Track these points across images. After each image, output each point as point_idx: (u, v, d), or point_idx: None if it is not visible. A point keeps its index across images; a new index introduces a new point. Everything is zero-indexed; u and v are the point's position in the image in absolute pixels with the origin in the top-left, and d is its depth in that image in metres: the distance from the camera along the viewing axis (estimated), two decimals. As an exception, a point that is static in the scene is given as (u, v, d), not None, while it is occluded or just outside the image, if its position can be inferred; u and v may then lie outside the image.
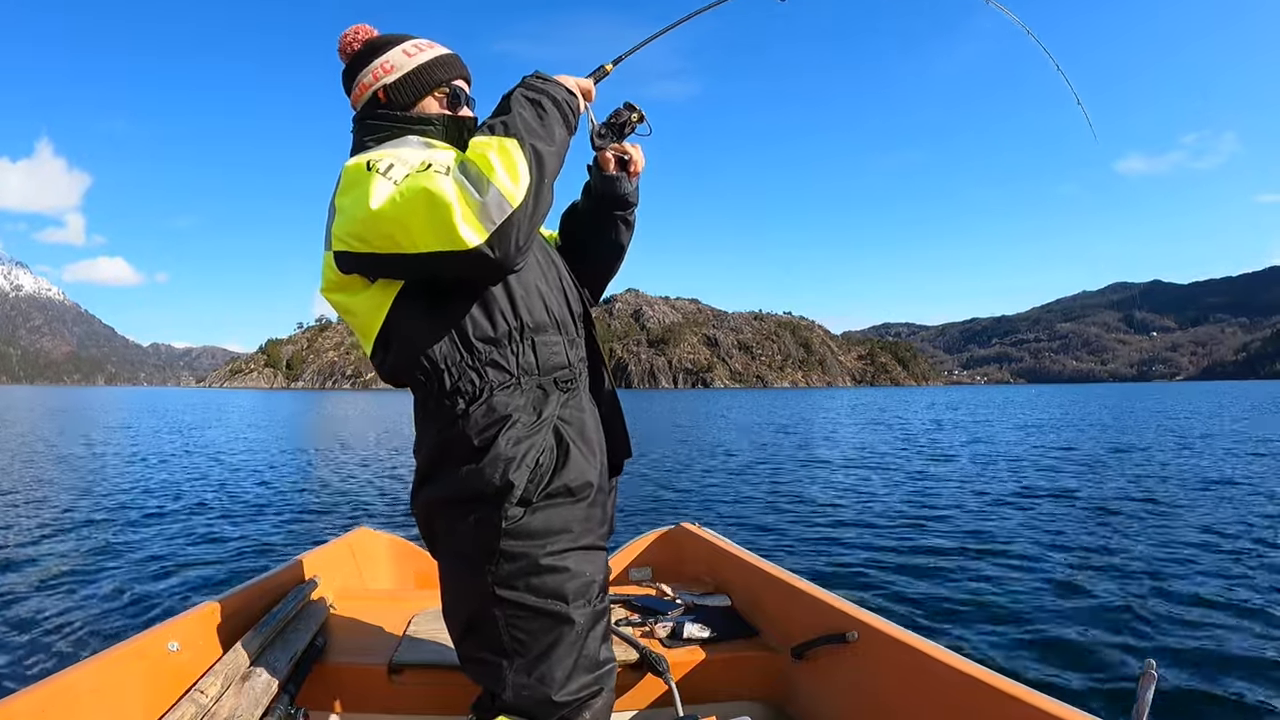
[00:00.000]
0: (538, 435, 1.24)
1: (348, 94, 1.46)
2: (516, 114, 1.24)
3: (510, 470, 1.19)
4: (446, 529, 1.28)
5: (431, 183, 1.14)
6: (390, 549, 2.90)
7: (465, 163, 1.18)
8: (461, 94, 1.46)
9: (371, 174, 1.19)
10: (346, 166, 1.26)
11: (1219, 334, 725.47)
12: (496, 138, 1.20)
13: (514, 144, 1.19)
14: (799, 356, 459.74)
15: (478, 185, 1.14)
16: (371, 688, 1.86)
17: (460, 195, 1.13)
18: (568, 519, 1.24)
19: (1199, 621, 4.03)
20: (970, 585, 4.83)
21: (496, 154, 1.17)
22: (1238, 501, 8.01)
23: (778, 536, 6.56)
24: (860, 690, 1.72)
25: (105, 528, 7.00)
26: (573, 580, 1.22)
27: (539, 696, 1.19)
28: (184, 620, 1.67)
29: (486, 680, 1.24)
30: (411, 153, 1.26)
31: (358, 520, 7.08)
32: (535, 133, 1.22)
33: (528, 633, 1.20)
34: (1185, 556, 5.50)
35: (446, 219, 1.12)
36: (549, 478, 1.23)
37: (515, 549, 1.20)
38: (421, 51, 1.43)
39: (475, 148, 1.20)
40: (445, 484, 1.25)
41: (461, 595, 1.27)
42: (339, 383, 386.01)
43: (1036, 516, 7.34)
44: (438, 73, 1.44)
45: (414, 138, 1.36)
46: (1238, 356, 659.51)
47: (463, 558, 1.25)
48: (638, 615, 2.24)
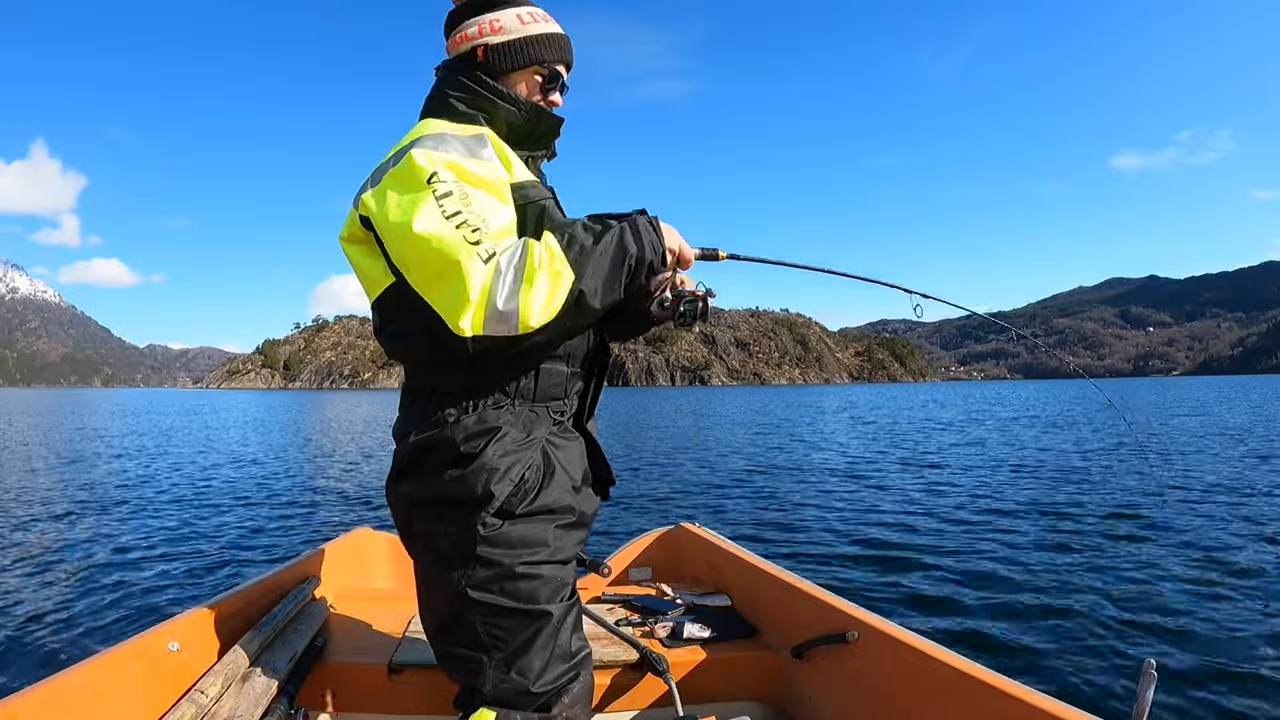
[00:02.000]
0: (525, 451, 1.25)
1: (446, 36, 1.42)
2: (598, 253, 1.17)
3: (493, 481, 1.20)
4: (425, 528, 1.28)
5: (468, 260, 1.10)
6: (390, 549, 2.89)
7: (520, 257, 1.13)
8: (559, 79, 1.41)
9: (428, 193, 1.14)
10: (411, 158, 1.18)
11: (1215, 329, 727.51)
12: (564, 260, 1.14)
13: (570, 280, 1.13)
14: (796, 354, 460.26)
15: (509, 289, 1.10)
16: (371, 688, 1.86)
17: (484, 291, 1.10)
18: (545, 535, 1.25)
19: (1199, 621, 4.04)
20: (970, 585, 4.84)
21: (548, 277, 1.12)
22: (1238, 501, 8.03)
23: (778, 536, 6.57)
24: (860, 690, 1.72)
25: (105, 528, 7.00)
26: (546, 586, 1.24)
27: (518, 688, 1.21)
28: (184, 620, 1.67)
29: (466, 676, 1.26)
30: (477, 197, 1.18)
31: (358, 520, 7.09)
32: (596, 283, 1.16)
33: (505, 629, 1.22)
34: (1185, 556, 5.51)
35: (456, 301, 1.10)
36: (534, 495, 1.25)
37: (491, 556, 1.21)
38: (536, 23, 1.38)
39: (538, 256, 1.13)
40: (427, 483, 1.25)
41: (438, 594, 1.28)
42: (336, 382, 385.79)
43: (1036, 516, 7.35)
44: (543, 50, 1.39)
45: (488, 143, 1.28)
46: (1234, 351, 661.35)
47: (440, 558, 1.26)
48: (638, 615, 2.24)
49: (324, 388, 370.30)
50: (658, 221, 1.27)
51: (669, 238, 1.29)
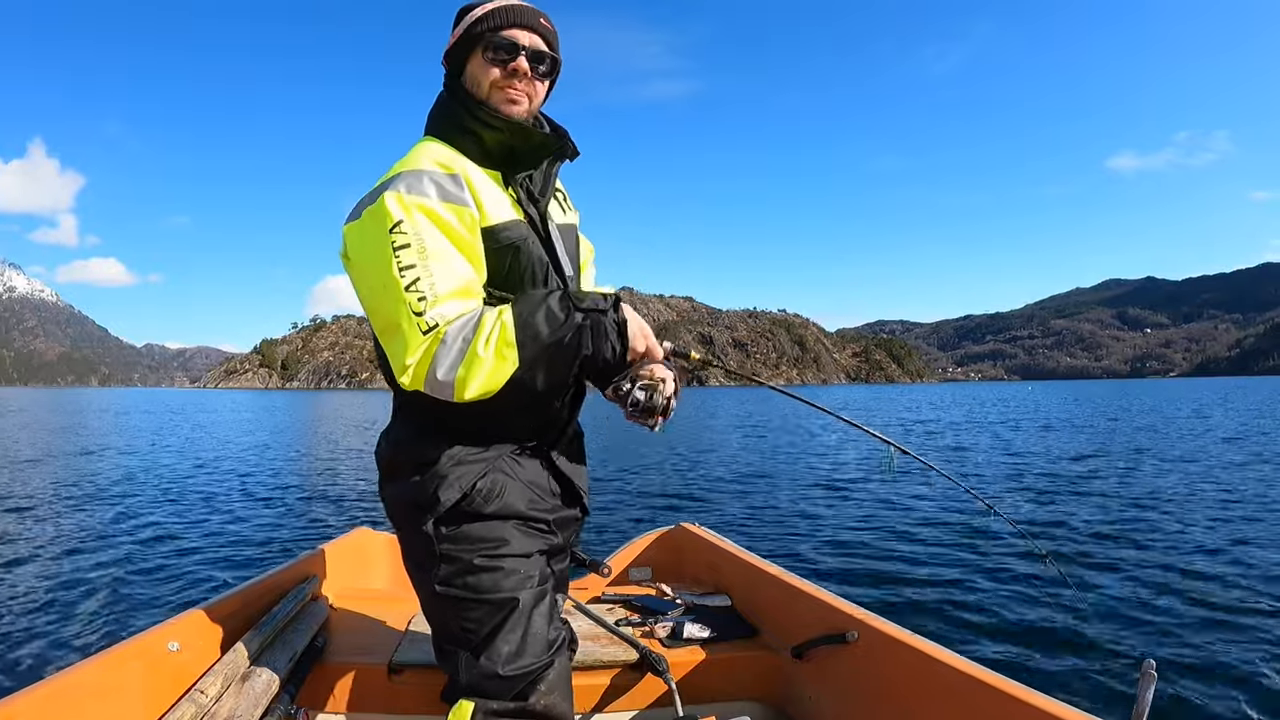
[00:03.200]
0: (477, 464, 1.30)
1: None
2: (550, 345, 1.15)
3: (441, 488, 1.27)
4: (400, 531, 1.38)
5: (409, 328, 1.14)
6: (390, 549, 2.89)
7: (470, 329, 1.14)
8: (507, 45, 1.27)
9: (386, 244, 1.15)
10: (383, 201, 1.17)
11: (1213, 330, 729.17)
12: (513, 345, 1.13)
13: (513, 367, 1.14)
14: (794, 354, 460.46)
15: (451, 361, 1.13)
16: (371, 688, 1.86)
17: (424, 358, 1.15)
18: (503, 532, 1.30)
19: (1199, 621, 4.05)
20: (970, 585, 4.85)
21: (492, 358, 1.13)
22: (1238, 501, 8.05)
23: (778, 536, 6.57)
24: (860, 690, 1.72)
25: (105, 528, 6.99)
26: (509, 577, 1.28)
27: (486, 673, 1.23)
28: (184, 620, 1.66)
29: (449, 668, 1.30)
30: (436, 251, 1.16)
31: (358, 520, 7.07)
32: (538, 372, 1.17)
33: (473, 620, 1.26)
34: (1185, 556, 5.53)
35: (399, 357, 1.17)
36: (489, 501, 1.29)
37: (451, 552, 1.27)
38: (482, 9, 1.29)
39: (487, 332, 1.13)
40: (399, 488, 1.35)
41: (420, 593, 1.36)
42: (334, 382, 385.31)
43: (1036, 517, 7.37)
44: (479, 25, 1.28)
45: (464, 184, 1.23)
46: (1231, 353, 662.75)
47: (413, 559, 1.36)
48: (638, 615, 2.24)
49: (321, 387, 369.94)
50: (627, 324, 1.22)
51: (636, 340, 1.24)
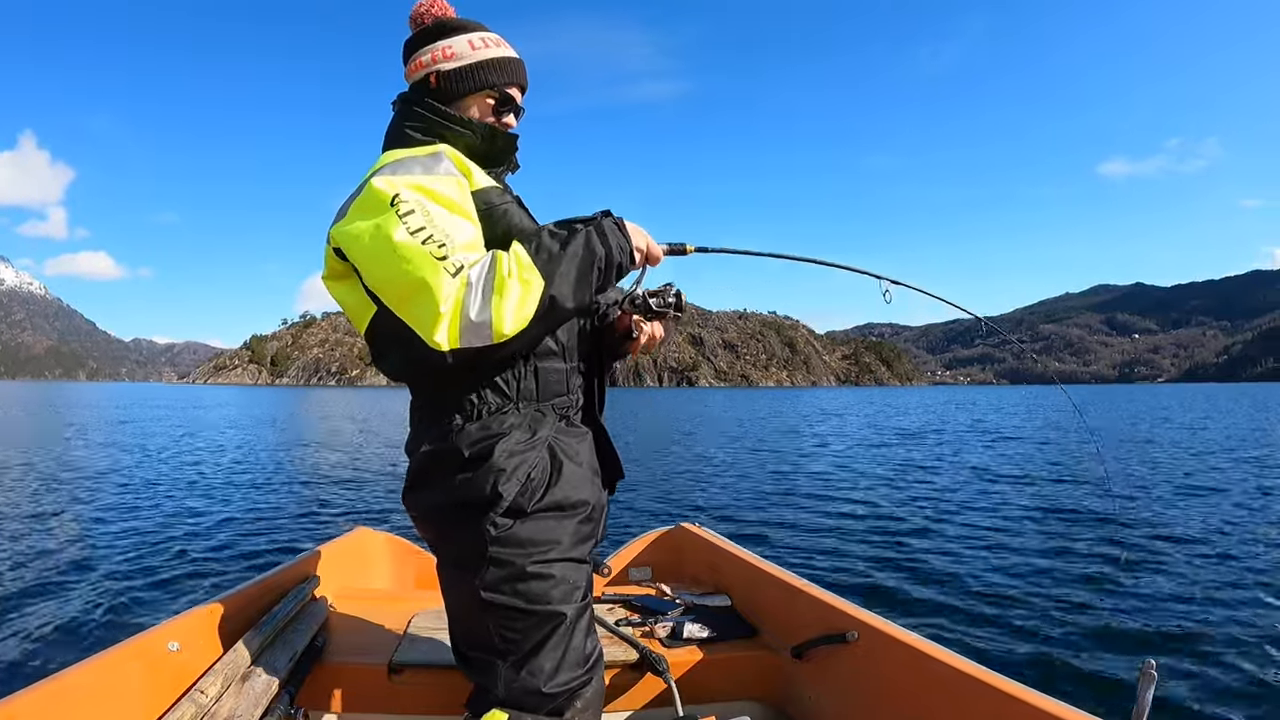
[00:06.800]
0: (531, 452, 1.27)
1: (404, 64, 1.44)
2: (567, 257, 1.19)
3: (500, 481, 1.22)
4: (440, 534, 1.32)
5: (436, 276, 1.13)
6: (390, 549, 2.88)
7: (489, 269, 1.15)
8: (511, 102, 1.43)
9: (391, 214, 1.17)
10: (372, 185, 1.22)
11: (1201, 337, 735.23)
12: (534, 268, 1.16)
13: (540, 287, 1.16)
14: (784, 356, 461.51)
15: (480, 301, 1.13)
16: (371, 688, 1.85)
17: (455, 305, 1.13)
18: (557, 532, 1.26)
19: (1199, 621, 4.08)
20: (970, 585, 4.87)
21: (518, 285, 1.14)
22: (1237, 500, 8.12)
23: (778, 536, 6.59)
24: (860, 690, 1.72)
25: (104, 527, 6.92)
26: (558, 587, 1.24)
27: (529, 688, 1.21)
28: (184, 620, 1.66)
29: (480, 677, 1.27)
30: (439, 213, 1.20)
31: (358, 520, 7.04)
32: (567, 287, 1.18)
33: (517, 632, 1.22)
34: (1185, 556, 5.57)
35: (429, 316, 1.13)
36: (542, 493, 1.26)
37: (503, 556, 1.22)
38: (487, 48, 1.41)
39: (507, 265, 1.16)
40: (439, 490, 1.28)
41: (456, 597, 1.31)
42: (324, 379, 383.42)
43: (1036, 516, 7.41)
44: (494, 74, 1.41)
45: (445, 157, 1.29)
46: (1219, 359, 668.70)
47: (455, 562, 1.29)
48: (638, 615, 2.24)
49: (311, 384, 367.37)
50: (623, 222, 1.30)
51: (635, 237, 1.32)
